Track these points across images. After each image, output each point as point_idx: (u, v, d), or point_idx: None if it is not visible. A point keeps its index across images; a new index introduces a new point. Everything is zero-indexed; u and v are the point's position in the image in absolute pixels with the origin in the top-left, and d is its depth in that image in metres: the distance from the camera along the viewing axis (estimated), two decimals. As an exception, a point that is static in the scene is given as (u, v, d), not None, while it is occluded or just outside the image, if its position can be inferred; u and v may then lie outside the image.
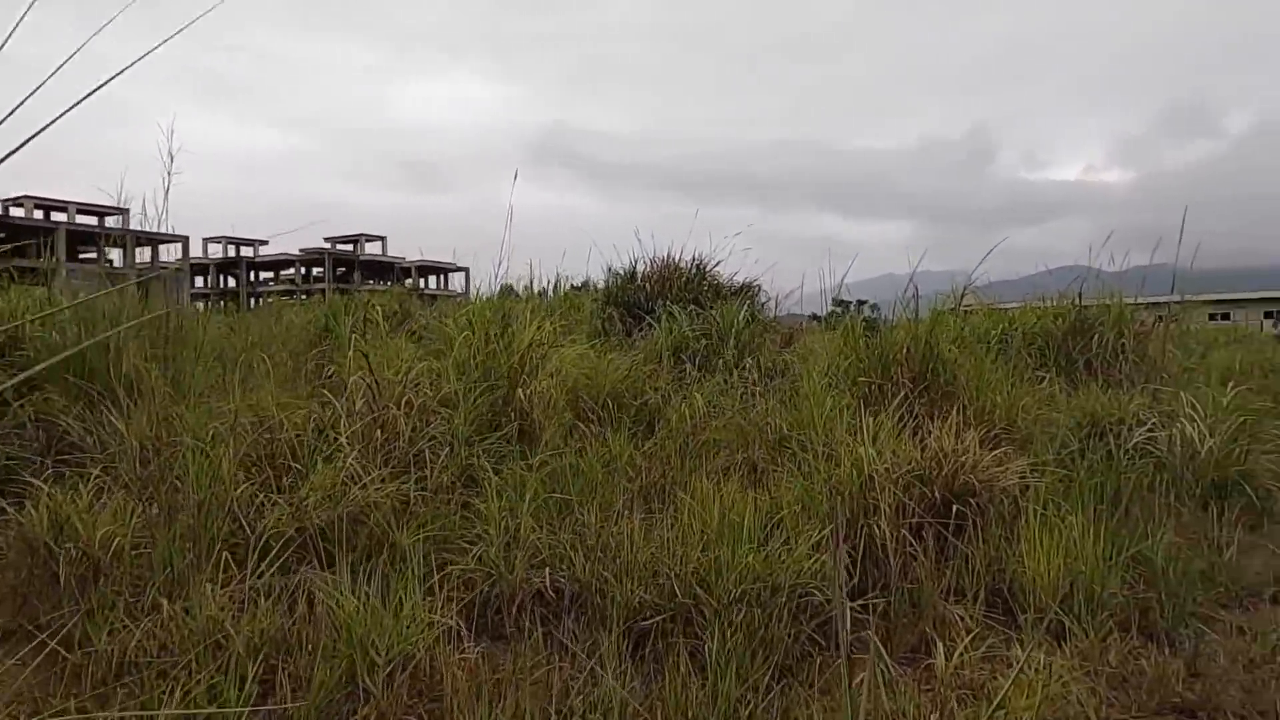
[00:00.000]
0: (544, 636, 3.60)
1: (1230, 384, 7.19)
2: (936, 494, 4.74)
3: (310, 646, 3.09)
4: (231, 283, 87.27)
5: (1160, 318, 9.74)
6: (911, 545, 4.26)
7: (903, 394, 6.78)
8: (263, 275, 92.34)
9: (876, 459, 4.47)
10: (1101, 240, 9.94)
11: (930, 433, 5.27)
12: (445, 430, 5.60)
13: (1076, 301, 9.96)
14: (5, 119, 1.20)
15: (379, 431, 5.16)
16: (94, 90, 1.30)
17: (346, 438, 5.15)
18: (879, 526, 4.25)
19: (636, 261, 13.02)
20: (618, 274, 13.94)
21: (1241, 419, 6.33)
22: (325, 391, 5.53)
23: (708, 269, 13.18)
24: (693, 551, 3.96)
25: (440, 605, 3.54)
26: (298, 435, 5.33)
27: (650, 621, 3.59)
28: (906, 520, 4.42)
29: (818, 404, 5.48)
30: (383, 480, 4.64)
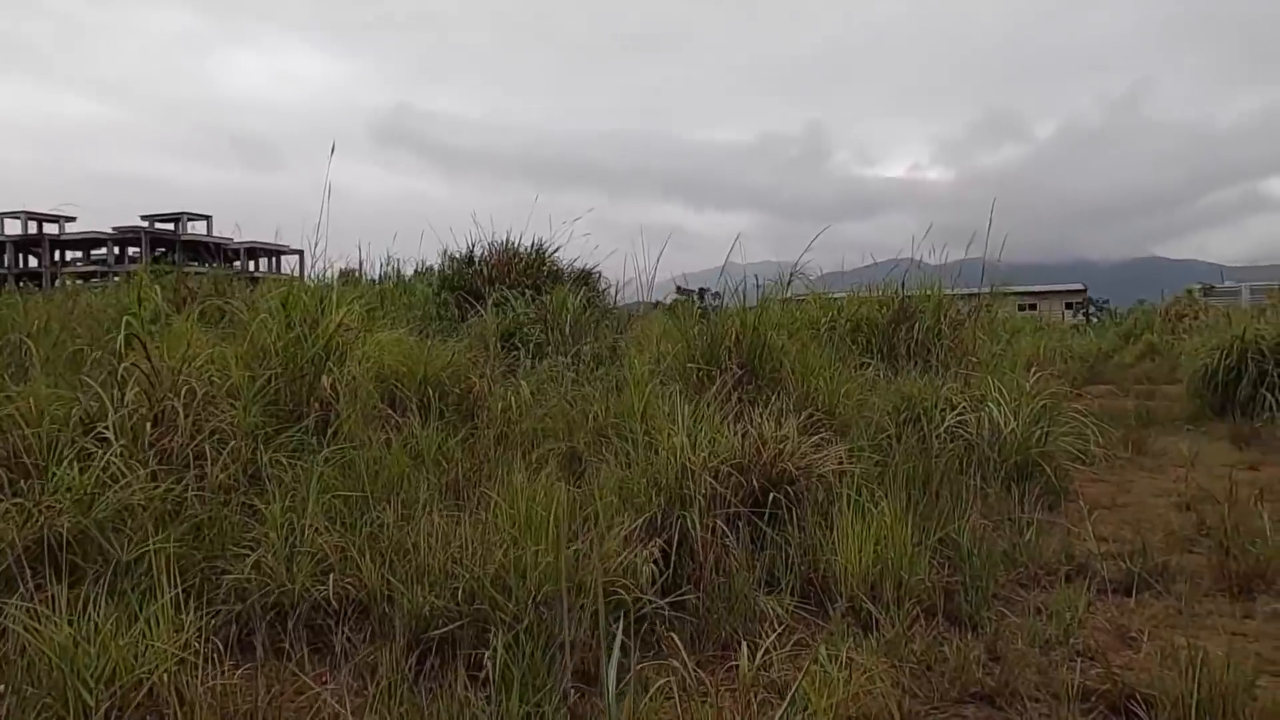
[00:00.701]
0: (318, 653, 3.23)
1: (1034, 369, 7.53)
2: (755, 483, 4.64)
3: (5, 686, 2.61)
4: (34, 262, 79.73)
5: (974, 308, 10.22)
6: (727, 537, 4.13)
7: (731, 381, 6.73)
8: (70, 255, 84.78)
9: (689, 448, 4.31)
10: (924, 234, 10.32)
11: (752, 420, 5.19)
12: (233, 423, 5.08)
13: (900, 291, 10.37)
14: None
15: (149, 426, 4.59)
16: None
17: (115, 433, 4.57)
18: (692, 519, 4.09)
19: (474, 245, 12.67)
20: (454, 258, 13.51)
21: (1043, 403, 6.61)
22: (89, 381, 4.87)
23: (547, 254, 12.94)
24: (495, 551, 3.67)
25: (197, 622, 3.10)
26: (59, 431, 4.69)
27: (440, 631, 3.28)
28: (722, 511, 4.29)
29: (638, 392, 5.29)
30: (150, 480, 4.11)
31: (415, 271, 14.79)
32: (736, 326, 7.27)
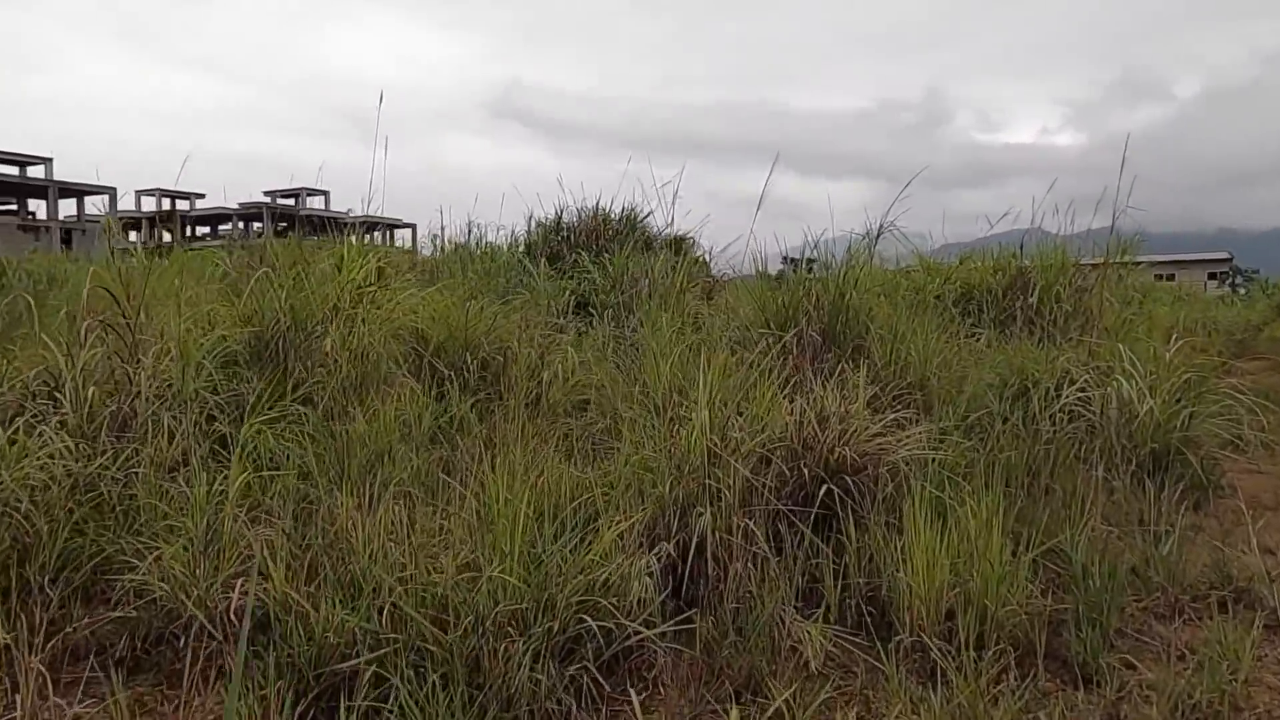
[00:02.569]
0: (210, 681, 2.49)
1: (1174, 339, 6.24)
2: (805, 472, 3.69)
3: None
4: (167, 237, 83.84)
5: (1102, 271, 8.98)
6: (757, 541, 3.20)
7: (800, 349, 5.81)
8: (200, 230, 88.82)
9: (709, 427, 3.37)
10: (1052, 203, 9.14)
11: (812, 392, 4.23)
12: (208, 388, 4.44)
13: (1018, 255, 9.12)
14: None
15: (93, 391, 3.97)
16: None
17: (71, 398, 4.00)
18: (716, 515, 3.19)
19: (562, 211, 12.19)
20: (541, 224, 13.03)
21: (1186, 376, 5.37)
22: (47, 340, 4.29)
23: (639, 220, 12.30)
24: (457, 555, 2.86)
25: (33, 641, 2.41)
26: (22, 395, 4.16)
27: (341, 666, 2.48)
28: (757, 506, 3.36)
29: (664, 357, 4.39)
30: (68, 454, 3.48)
31: (507, 239, 14.38)
32: (817, 288, 6.30)
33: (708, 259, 11.86)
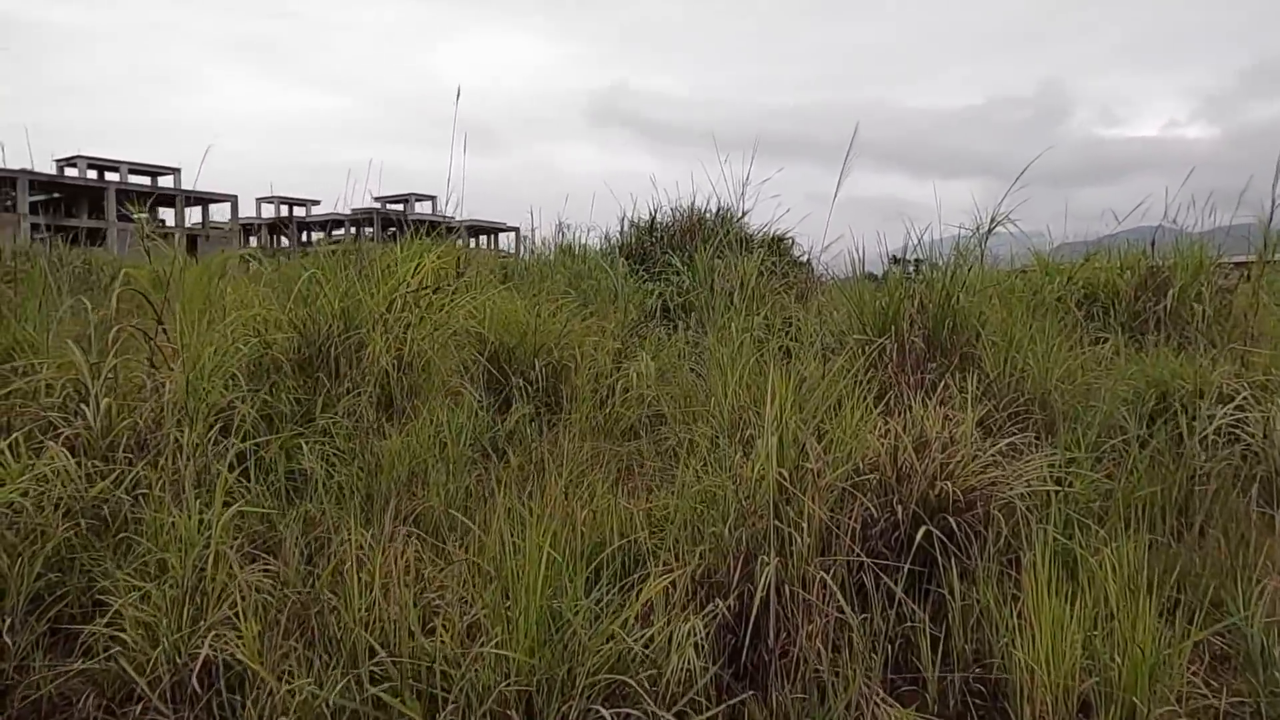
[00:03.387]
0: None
1: (1350, 347, 5.30)
2: (899, 510, 3.07)
3: None
4: (284, 242, 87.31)
5: (1247, 274, 7.95)
6: (838, 600, 2.60)
7: (911, 358, 5.19)
8: (314, 235, 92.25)
9: (776, 455, 2.78)
10: (1182, 200, 8.19)
11: (910, 410, 3.60)
12: (240, 398, 4.10)
13: (1148, 252, 8.23)
14: None
15: (109, 403, 3.66)
16: None
17: (94, 410, 3.71)
18: (786, 564, 2.61)
19: (655, 211, 11.82)
20: (634, 224, 12.71)
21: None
22: (72, 346, 4.02)
23: (734, 219, 11.84)
24: (464, 614, 2.37)
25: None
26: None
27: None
28: (838, 553, 2.76)
29: (733, 366, 3.81)
30: (69, 475, 3.15)
31: (598, 240, 14.13)
32: (920, 288, 5.65)
33: (806, 260, 11.29)
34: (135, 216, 4.97)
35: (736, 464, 3.11)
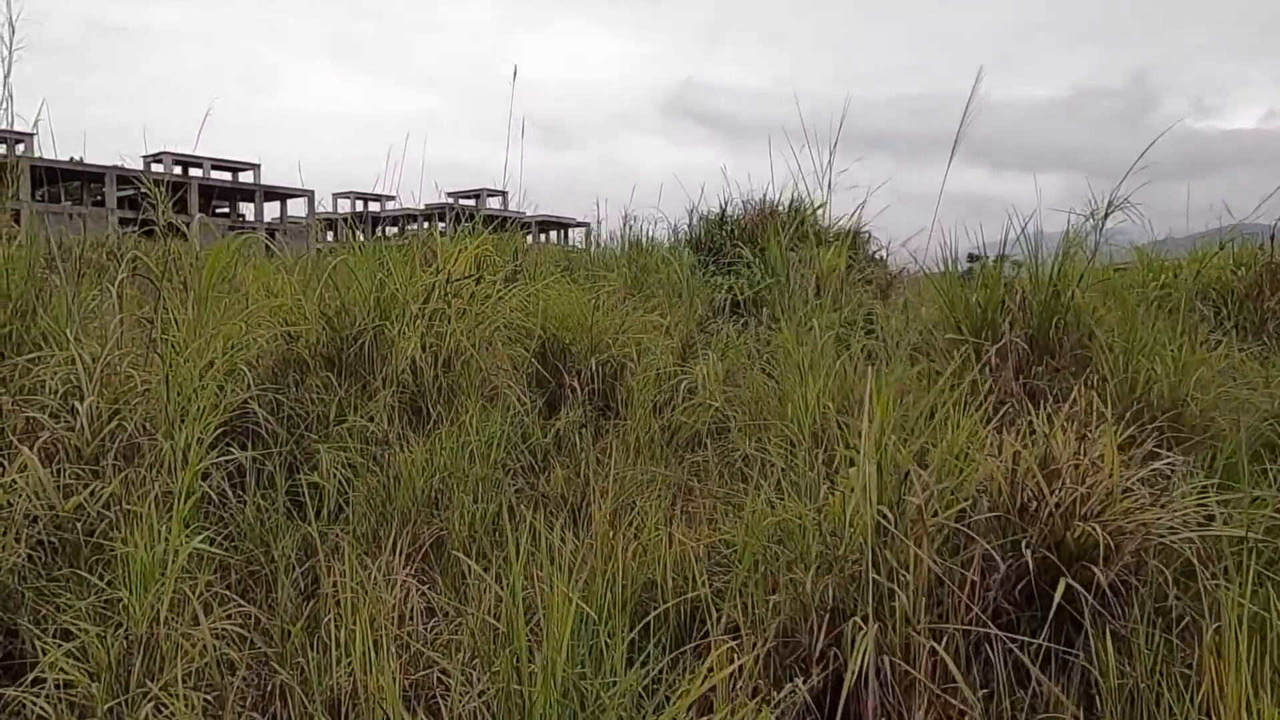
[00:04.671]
0: None
1: None
2: (1028, 554, 2.43)
3: None
4: (361, 237, 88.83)
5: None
6: (954, 677, 1.99)
7: (1015, 362, 4.60)
8: (389, 230, 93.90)
9: (873, 490, 2.16)
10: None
11: (1030, 424, 2.94)
12: (255, 399, 3.66)
13: (1267, 246, 7.84)
14: None
15: (98, 402, 3.23)
16: None
17: (88, 412, 3.30)
18: (885, 629, 2.01)
19: (726, 205, 11.35)
20: (704, 217, 12.26)
21: None
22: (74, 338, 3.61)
23: (808, 213, 11.27)
24: (456, 691, 1.84)
25: None
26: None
27: None
28: (950, 624, 2.14)
29: (814, 371, 3.20)
30: (41, 486, 2.71)
31: (667, 233, 13.74)
32: (1024, 283, 5.02)
33: (885, 254, 10.67)
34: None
35: (819, 491, 2.51)
